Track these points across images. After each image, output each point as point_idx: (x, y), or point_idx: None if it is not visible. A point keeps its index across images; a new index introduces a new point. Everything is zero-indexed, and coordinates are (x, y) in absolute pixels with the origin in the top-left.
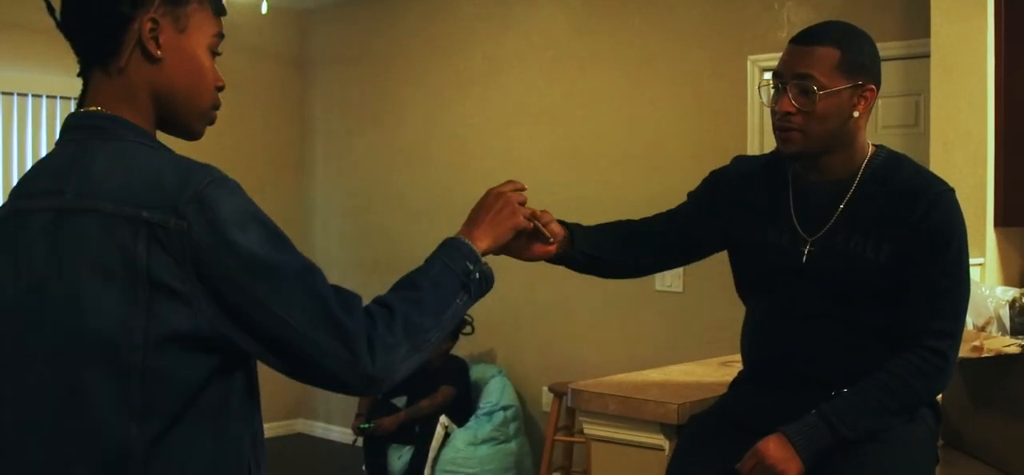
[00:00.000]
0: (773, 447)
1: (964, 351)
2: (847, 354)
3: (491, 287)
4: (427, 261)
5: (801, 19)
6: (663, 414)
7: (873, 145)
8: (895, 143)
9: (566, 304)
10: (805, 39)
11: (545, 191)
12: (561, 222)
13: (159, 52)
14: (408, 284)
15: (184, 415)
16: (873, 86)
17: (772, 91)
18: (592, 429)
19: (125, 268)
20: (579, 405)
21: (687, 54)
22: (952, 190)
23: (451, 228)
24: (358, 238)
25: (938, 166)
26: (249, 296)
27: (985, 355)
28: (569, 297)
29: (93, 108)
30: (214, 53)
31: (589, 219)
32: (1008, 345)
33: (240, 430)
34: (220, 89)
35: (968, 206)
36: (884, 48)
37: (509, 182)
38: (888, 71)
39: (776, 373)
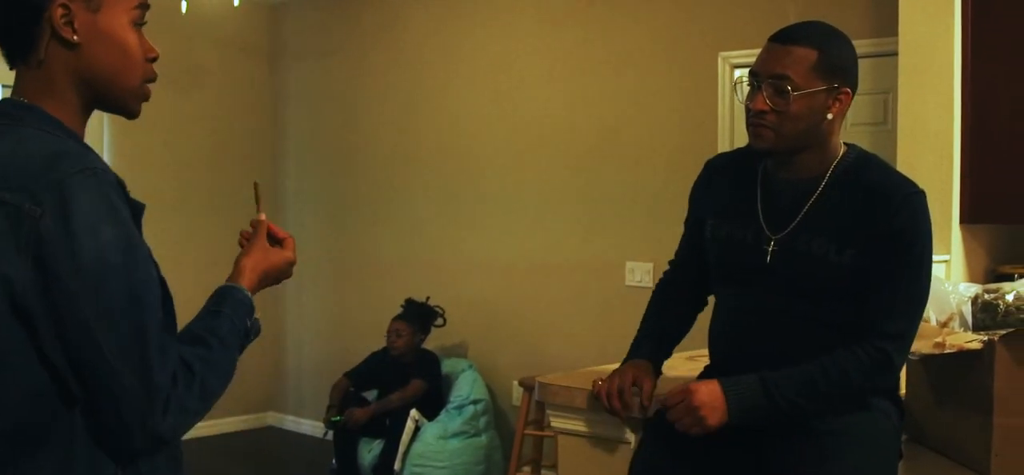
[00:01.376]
0: (704, 391)
1: (926, 347)
2: (810, 349)
3: (258, 335)
4: (213, 314)
5: (772, 16)
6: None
7: (845, 144)
8: (864, 140)
9: (537, 299)
10: (784, 38)
11: (519, 183)
12: (653, 360)
13: (75, 37)
14: (200, 341)
15: (27, 422)
16: (849, 89)
17: (747, 88)
18: (559, 422)
19: None
20: (546, 398)
21: (660, 51)
22: (921, 192)
23: (426, 230)
24: (331, 232)
25: (905, 163)
26: (72, 304)
27: (947, 351)
28: (540, 292)
29: (14, 98)
30: (138, 24)
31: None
32: (970, 341)
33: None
34: (153, 59)
35: (934, 203)
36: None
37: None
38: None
39: (741, 366)
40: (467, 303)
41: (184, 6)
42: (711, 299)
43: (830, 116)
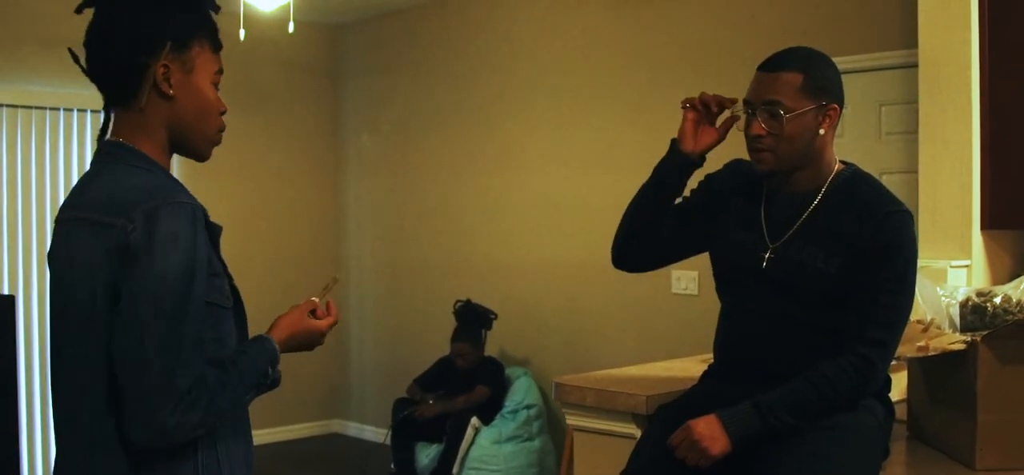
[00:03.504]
0: (703, 425)
1: (910, 351)
2: (804, 351)
3: (276, 387)
4: (240, 351)
5: (813, 29)
6: (633, 405)
7: (841, 162)
8: (897, 149)
9: (587, 305)
10: (770, 66)
11: (570, 191)
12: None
13: (171, 91)
14: (222, 367)
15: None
16: (836, 105)
17: (744, 116)
18: (573, 420)
19: (95, 268)
20: (561, 397)
21: (709, 59)
22: (906, 212)
23: (479, 237)
24: (389, 245)
25: (926, 171)
26: (134, 300)
27: (931, 354)
28: (590, 298)
29: (114, 138)
30: (216, 86)
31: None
32: (953, 342)
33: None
34: (223, 113)
35: (955, 210)
36: (885, 57)
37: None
38: (889, 79)
39: (740, 366)
40: (521, 310)
41: (242, 34)
42: (708, 297)
43: (822, 132)
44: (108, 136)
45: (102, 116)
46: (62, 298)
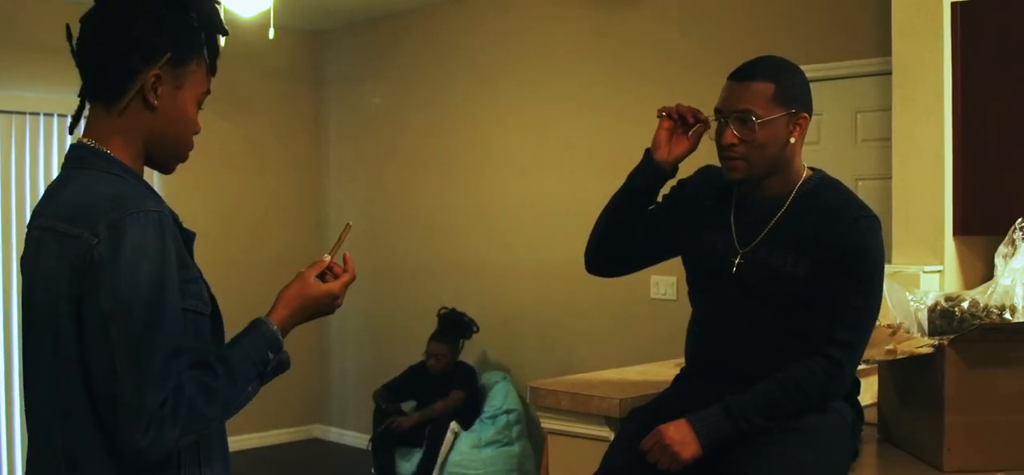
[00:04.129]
0: (673, 429)
1: (878, 355)
2: (774, 353)
3: (285, 370)
4: (232, 342)
5: (790, 37)
6: (606, 408)
7: (809, 168)
8: (872, 155)
9: (566, 310)
10: (741, 75)
11: (549, 196)
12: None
13: (156, 102)
14: (207, 367)
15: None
16: (806, 114)
17: (716, 125)
18: (548, 423)
19: (62, 279)
20: (536, 401)
21: (692, 67)
22: (873, 217)
23: (460, 242)
24: (370, 250)
25: (899, 177)
26: (102, 319)
27: (899, 357)
28: (569, 303)
29: (86, 140)
30: (200, 106)
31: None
32: (921, 346)
33: None
34: (195, 134)
35: (927, 216)
36: (860, 65)
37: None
38: (865, 87)
39: (711, 369)
40: (501, 314)
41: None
42: (686, 302)
43: (792, 140)
44: (82, 135)
45: (79, 106)
46: (30, 309)
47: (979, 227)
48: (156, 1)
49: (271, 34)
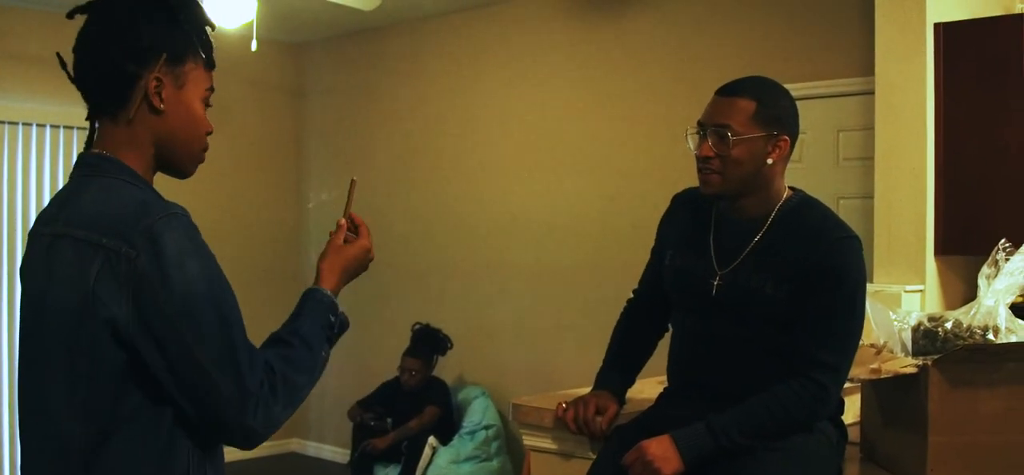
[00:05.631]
0: (655, 446)
1: (863, 374)
2: (755, 374)
3: (346, 330)
4: (295, 317)
5: (773, 56)
6: None
7: (790, 188)
8: (854, 174)
9: (548, 324)
10: (727, 91)
11: (532, 207)
12: (613, 390)
13: (162, 105)
14: (284, 343)
15: (118, 420)
16: (787, 137)
17: (697, 137)
18: (530, 440)
19: (82, 286)
20: (519, 418)
21: (671, 89)
22: (854, 237)
23: (441, 253)
24: None
25: (881, 197)
26: (171, 330)
27: (883, 376)
28: (549, 319)
29: (97, 150)
30: (206, 104)
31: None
32: (905, 365)
33: (178, 440)
34: (209, 133)
35: (910, 236)
36: (843, 84)
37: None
38: (847, 106)
39: (693, 388)
40: (480, 329)
41: (254, 45)
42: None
43: (770, 161)
44: (92, 147)
45: (85, 129)
46: (35, 315)
47: (961, 247)
48: (141, 9)
49: (254, 46)
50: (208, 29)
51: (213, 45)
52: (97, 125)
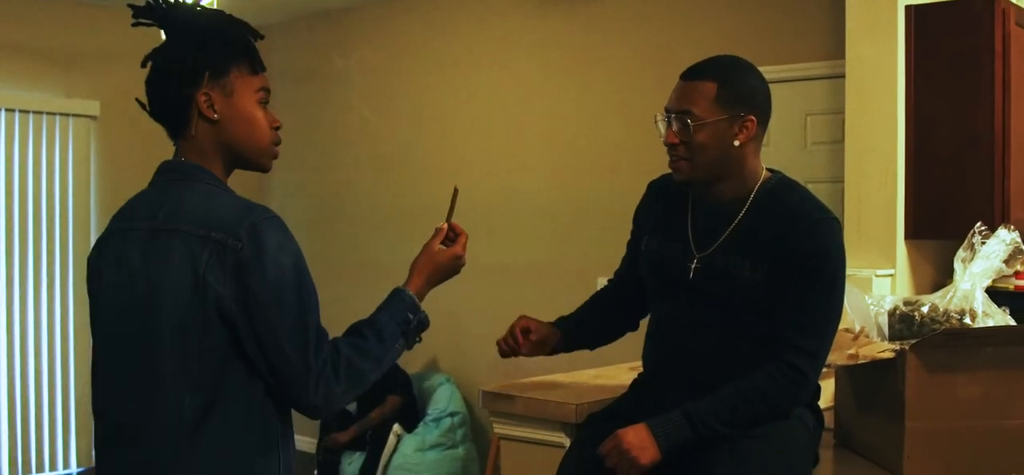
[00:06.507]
0: (632, 434)
1: (840, 360)
2: (732, 360)
3: (426, 328)
4: (377, 311)
5: (743, 38)
6: (563, 414)
7: (768, 170)
8: (822, 158)
9: (511, 312)
10: (688, 75)
11: (499, 193)
12: (556, 322)
13: (216, 116)
14: (357, 332)
15: (221, 390)
16: (754, 117)
17: (664, 124)
18: (501, 429)
19: (193, 272)
20: (488, 406)
21: (640, 72)
22: (834, 219)
23: (407, 240)
24: (316, 250)
25: (852, 181)
26: (261, 309)
27: (861, 361)
28: (514, 305)
29: (181, 158)
30: (263, 103)
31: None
32: (883, 351)
33: (268, 409)
34: (277, 128)
35: (879, 220)
36: (812, 68)
37: (449, 238)
38: (815, 90)
39: (668, 375)
40: (445, 318)
41: (164, 35)
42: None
43: (737, 143)
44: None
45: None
46: (132, 299)
47: (931, 231)
48: (181, 41)
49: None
50: (251, 38)
51: (255, 50)
52: (177, 145)
